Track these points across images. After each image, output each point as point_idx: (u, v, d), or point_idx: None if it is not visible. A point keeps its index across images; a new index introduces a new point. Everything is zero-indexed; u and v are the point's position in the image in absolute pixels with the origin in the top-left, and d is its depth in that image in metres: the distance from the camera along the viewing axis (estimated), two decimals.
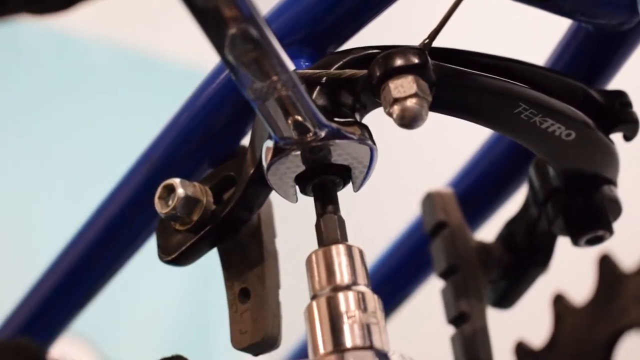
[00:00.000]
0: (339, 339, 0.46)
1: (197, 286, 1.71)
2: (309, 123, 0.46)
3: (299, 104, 0.45)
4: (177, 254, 0.54)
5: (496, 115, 0.53)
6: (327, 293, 0.47)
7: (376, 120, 0.51)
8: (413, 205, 0.70)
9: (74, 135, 1.77)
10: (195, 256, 0.55)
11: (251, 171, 0.52)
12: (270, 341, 0.53)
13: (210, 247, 0.55)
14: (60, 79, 1.80)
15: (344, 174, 0.50)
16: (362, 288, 0.47)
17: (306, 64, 0.52)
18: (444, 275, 0.65)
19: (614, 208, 0.59)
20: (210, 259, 0.56)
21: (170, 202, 0.53)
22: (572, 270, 0.90)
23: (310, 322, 0.47)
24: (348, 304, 0.46)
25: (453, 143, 1.03)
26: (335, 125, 0.48)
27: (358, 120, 0.49)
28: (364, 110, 0.51)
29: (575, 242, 0.60)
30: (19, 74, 1.78)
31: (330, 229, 0.49)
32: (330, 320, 0.46)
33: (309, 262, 0.48)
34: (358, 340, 0.46)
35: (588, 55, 0.58)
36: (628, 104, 0.56)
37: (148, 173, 0.61)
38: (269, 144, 0.48)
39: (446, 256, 0.64)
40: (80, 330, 0.83)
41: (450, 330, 0.64)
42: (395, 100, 0.47)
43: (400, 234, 0.77)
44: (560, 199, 0.60)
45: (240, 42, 0.41)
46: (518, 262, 0.65)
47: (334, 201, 0.50)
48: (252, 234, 0.55)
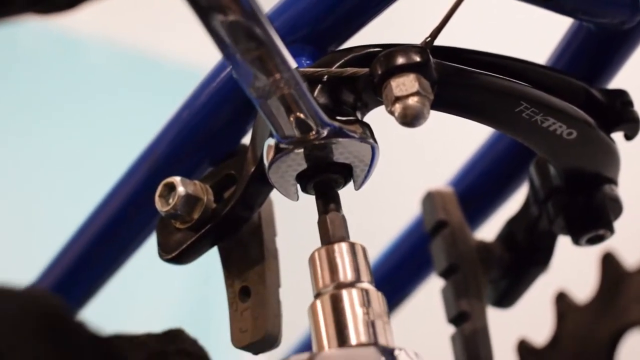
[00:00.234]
0: (343, 336, 0.46)
1: (197, 285, 1.71)
2: (311, 121, 0.46)
3: (301, 102, 0.45)
4: (178, 253, 0.54)
5: (497, 114, 0.53)
6: (331, 291, 0.47)
7: (377, 119, 0.51)
8: (413, 204, 0.70)
9: (73, 135, 1.77)
10: (195, 255, 0.55)
11: (252, 169, 0.52)
12: (270, 340, 0.53)
13: (211, 246, 0.55)
14: (60, 79, 1.79)
15: (345, 172, 0.50)
16: (366, 285, 0.47)
17: (307, 62, 0.52)
18: (444, 274, 0.64)
19: (614, 207, 0.59)
20: (211, 258, 0.56)
21: (170, 201, 0.53)
22: (575, 268, 0.89)
23: (314, 320, 0.47)
24: (352, 301, 0.46)
25: (454, 142, 1.03)
26: (337, 124, 0.48)
27: (359, 119, 0.49)
28: (366, 109, 0.51)
29: (576, 242, 0.60)
30: (19, 74, 1.77)
31: (333, 227, 0.49)
32: (335, 317, 0.46)
33: (312, 260, 0.48)
34: (363, 337, 0.45)
35: (589, 54, 0.58)
36: (629, 103, 0.56)
37: (148, 171, 0.61)
38: (271, 142, 0.48)
39: (446, 255, 0.64)
40: None
41: (450, 329, 0.64)
42: (397, 99, 0.47)
43: (400, 233, 0.77)
44: (561, 198, 0.60)
45: (244, 40, 0.41)
46: (518, 262, 0.65)
47: (336, 199, 0.50)
48: (253, 233, 0.55)
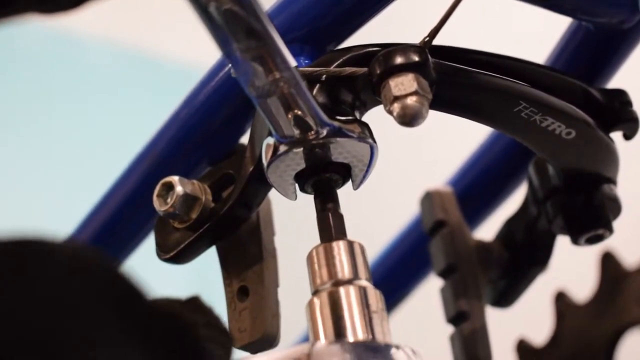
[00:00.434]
0: (340, 333, 0.46)
1: (196, 284, 1.70)
2: (310, 121, 0.46)
3: (301, 101, 0.45)
4: (176, 252, 0.54)
5: (496, 114, 0.53)
6: (329, 288, 0.47)
7: (376, 118, 0.51)
8: (412, 203, 0.70)
9: (73, 134, 1.77)
10: (193, 254, 0.55)
11: (250, 169, 0.52)
12: (269, 339, 0.53)
13: (209, 245, 0.55)
14: (60, 79, 1.80)
15: (344, 171, 0.50)
16: (364, 282, 0.47)
17: (306, 61, 0.52)
18: (443, 274, 0.64)
19: (613, 207, 0.59)
20: (209, 257, 0.56)
21: (169, 200, 0.53)
22: (574, 267, 0.89)
23: (312, 317, 0.47)
24: (349, 299, 0.46)
25: (452, 141, 1.03)
26: (336, 124, 0.48)
27: (358, 118, 0.49)
28: (364, 108, 0.51)
29: (575, 241, 0.60)
30: (19, 74, 1.77)
31: (331, 225, 0.49)
32: (332, 314, 0.46)
33: (310, 258, 0.48)
34: (360, 334, 0.46)
35: (588, 54, 0.58)
36: (628, 103, 0.56)
37: (147, 171, 0.61)
38: (269, 141, 0.48)
39: (445, 255, 0.64)
40: None
41: (449, 329, 0.64)
42: (396, 98, 0.47)
43: (399, 233, 0.77)
44: (560, 197, 0.60)
45: (244, 38, 0.41)
46: (517, 261, 0.65)
47: (334, 199, 0.50)
48: (251, 232, 0.55)
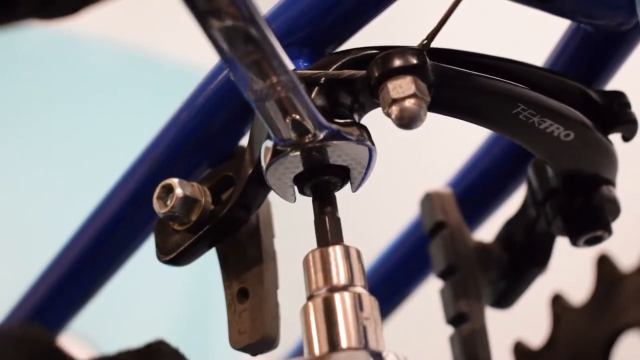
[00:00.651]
0: (334, 340, 0.46)
1: (196, 286, 1.70)
2: (309, 124, 0.46)
3: (299, 105, 0.45)
4: (176, 254, 0.54)
5: (495, 116, 0.53)
6: (324, 294, 0.47)
7: (374, 121, 0.51)
8: (412, 205, 0.70)
9: (73, 135, 1.77)
10: (193, 256, 0.55)
11: (250, 171, 0.52)
12: (268, 341, 0.53)
13: (209, 247, 0.55)
14: (60, 79, 1.79)
15: (343, 174, 0.50)
16: (359, 289, 0.47)
17: (305, 64, 0.52)
18: (442, 275, 0.65)
19: (612, 208, 0.59)
20: (209, 259, 0.56)
21: (168, 202, 0.53)
22: (571, 270, 0.89)
23: (306, 323, 0.47)
24: (344, 305, 0.46)
25: (452, 143, 1.03)
26: (335, 127, 0.48)
27: (357, 121, 0.49)
28: (363, 111, 0.51)
29: (574, 243, 0.60)
30: (19, 74, 1.77)
31: (328, 229, 0.49)
32: (326, 321, 0.46)
33: (306, 262, 0.49)
34: (353, 341, 0.46)
35: (587, 56, 0.58)
36: (626, 105, 0.56)
37: (147, 173, 0.61)
38: (268, 144, 0.48)
39: (445, 256, 0.64)
40: (79, 329, 0.83)
41: (449, 330, 0.64)
42: (394, 101, 0.47)
43: (399, 234, 0.77)
44: (559, 199, 0.60)
45: (241, 44, 0.41)
46: (517, 262, 0.65)
47: (332, 202, 0.50)
48: (251, 234, 0.55)
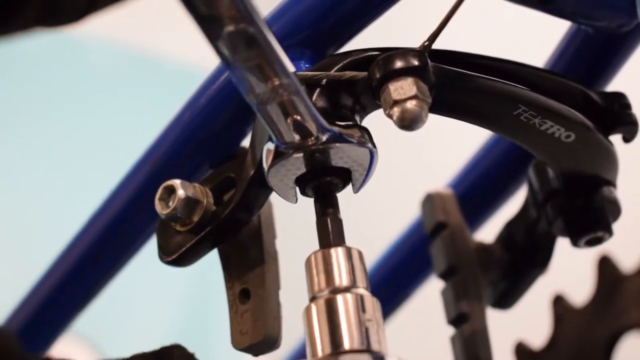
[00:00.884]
0: (337, 341, 0.46)
1: (197, 287, 1.70)
2: (311, 127, 0.46)
3: (301, 108, 0.45)
4: (178, 255, 0.54)
5: (496, 117, 0.53)
6: (326, 295, 0.47)
7: (376, 122, 0.51)
8: (413, 206, 0.70)
9: (74, 135, 1.77)
10: (195, 257, 0.55)
11: (251, 172, 0.52)
12: (270, 342, 0.53)
13: (211, 248, 0.55)
14: (61, 79, 1.79)
15: (344, 175, 0.50)
16: (361, 291, 0.47)
17: (306, 65, 0.52)
18: (443, 275, 0.65)
19: (613, 209, 0.59)
20: (211, 260, 0.56)
21: (170, 203, 0.53)
22: (572, 271, 0.90)
23: (308, 324, 0.47)
24: (347, 307, 0.47)
25: (453, 144, 1.03)
26: (337, 129, 0.48)
27: (358, 123, 0.50)
28: (364, 112, 0.51)
29: (575, 243, 0.60)
30: (20, 74, 1.77)
31: (330, 230, 0.49)
32: (329, 322, 0.46)
33: (308, 264, 0.49)
34: (356, 342, 0.46)
35: (587, 57, 0.58)
36: (627, 106, 0.56)
37: (148, 174, 0.61)
38: (270, 146, 0.48)
39: (446, 257, 0.64)
40: (80, 330, 0.83)
41: (450, 330, 0.64)
42: (395, 102, 0.47)
43: (400, 235, 0.77)
44: (559, 200, 0.60)
45: (243, 49, 0.41)
46: (518, 263, 0.65)
47: (334, 203, 0.50)
48: (253, 235, 0.55)
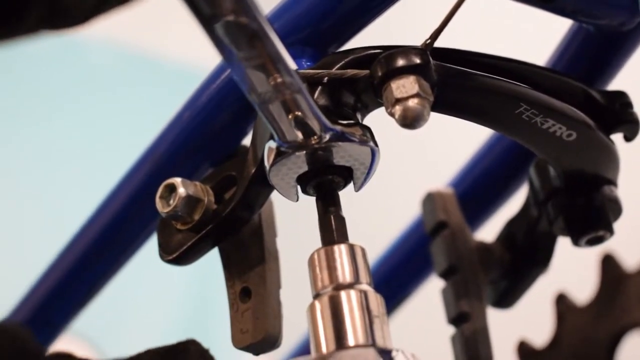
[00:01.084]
0: (341, 338, 0.46)
1: (198, 286, 1.71)
2: (313, 126, 0.46)
3: (303, 107, 0.45)
4: (178, 254, 0.54)
5: (497, 116, 0.53)
6: (330, 292, 0.47)
7: (377, 120, 0.51)
8: (413, 205, 0.70)
9: (74, 135, 1.77)
10: (196, 256, 0.55)
11: (252, 171, 0.52)
12: (271, 340, 0.53)
13: (211, 247, 0.55)
14: (61, 79, 1.80)
15: (346, 174, 0.50)
16: (365, 287, 0.47)
17: (308, 63, 0.52)
18: (444, 275, 0.65)
19: (614, 208, 0.59)
20: (211, 258, 0.56)
21: (171, 202, 0.53)
22: (575, 270, 0.90)
23: (312, 321, 0.47)
24: (350, 303, 0.47)
25: (454, 143, 1.03)
26: (339, 128, 0.48)
27: (360, 121, 0.50)
28: (366, 110, 0.51)
29: (576, 243, 0.60)
30: (20, 74, 1.77)
31: (333, 228, 0.49)
32: (333, 318, 0.46)
33: (312, 261, 0.49)
34: (361, 338, 0.46)
35: (589, 56, 0.58)
36: (628, 105, 0.56)
37: (149, 172, 0.61)
38: (271, 144, 0.48)
39: (446, 256, 0.64)
40: (80, 329, 0.83)
41: (450, 330, 0.64)
42: (397, 101, 0.47)
43: (400, 234, 0.77)
44: (560, 199, 0.60)
45: (246, 47, 0.41)
46: (518, 262, 0.65)
47: (336, 201, 0.50)
48: (253, 234, 0.55)
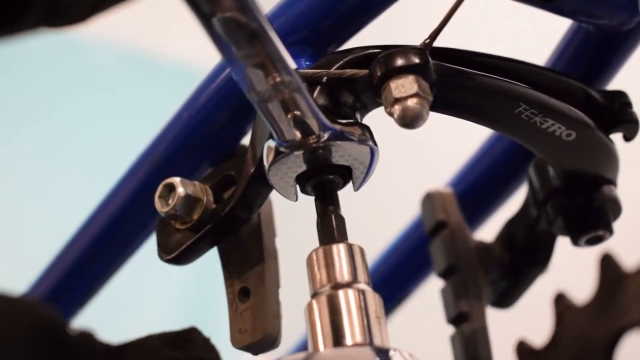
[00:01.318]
0: (339, 336, 0.46)
1: (197, 285, 1.71)
2: (312, 125, 0.46)
3: (302, 106, 0.45)
4: (177, 253, 0.54)
5: (496, 115, 0.53)
6: (328, 291, 0.47)
7: (376, 120, 0.51)
8: (413, 204, 0.70)
9: (74, 135, 1.77)
10: (195, 255, 0.55)
11: (251, 170, 0.52)
12: (270, 340, 0.53)
13: (210, 246, 0.55)
14: (60, 79, 1.80)
15: (345, 173, 0.50)
16: (363, 286, 0.47)
17: (307, 63, 0.52)
18: (443, 275, 0.65)
19: (613, 208, 0.59)
20: (210, 258, 0.56)
21: (170, 201, 0.53)
22: (574, 269, 0.90)
23: (310, 320, 0.47)
24: (348, 302, 0.47)
25: (453, 143, 1.03)
26: (338, 127, 0.48)
27: (359, 121, 0.50)
28: (365, 110, 0.51)
29: (575, 242, 0.60)
30: (20, 74, 1.77)
31: (331, 227, 0.49)
32: (331, 317, 0.46)
33: (310, 260, 0.49)
34: (358, 337, 0.46)
35: (588, 56, 0.58)
36: (628, 104, 0.56)
37: (148, 172, 0.61)
38: (270, 144, 0.48)
39: (446, 256, 0.64)
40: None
41: (450, 329, 0.64)
42: (396, 100, 0.47)
43: (399, 234, 0.77)
44: (560, 199, 0.60)
45: (246, 46, 0.41)
46: (518, 262, 0.65)
47: (335, 200, 0.50)
48: (252, 233, 0.55)
